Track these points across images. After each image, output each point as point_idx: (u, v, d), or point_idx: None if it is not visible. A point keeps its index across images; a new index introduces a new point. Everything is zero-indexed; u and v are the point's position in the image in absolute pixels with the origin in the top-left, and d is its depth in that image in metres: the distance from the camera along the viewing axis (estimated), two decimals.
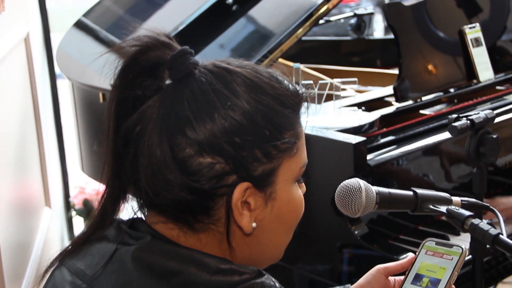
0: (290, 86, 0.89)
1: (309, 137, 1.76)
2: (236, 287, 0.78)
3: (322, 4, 2.07)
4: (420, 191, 1.08)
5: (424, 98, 2.10)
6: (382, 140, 1.84)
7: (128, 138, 0.85)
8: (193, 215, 0.84)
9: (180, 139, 0.82)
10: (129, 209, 0.91)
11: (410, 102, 2.06)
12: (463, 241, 1.70)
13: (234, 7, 2.43)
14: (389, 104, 2.12)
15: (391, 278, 1.12)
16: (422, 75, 2.12)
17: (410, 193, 1.08)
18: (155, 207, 0.87)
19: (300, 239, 1.85)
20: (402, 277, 1.07)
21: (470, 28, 2.20)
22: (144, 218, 0.90)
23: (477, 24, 2.23)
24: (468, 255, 1.70)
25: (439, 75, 2.16)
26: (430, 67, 2.14)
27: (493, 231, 0.98)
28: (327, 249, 1.79)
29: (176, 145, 0.82)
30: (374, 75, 2.68)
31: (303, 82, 1.85)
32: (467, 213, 1.03)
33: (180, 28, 2.42)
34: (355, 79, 2.07)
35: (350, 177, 1.65)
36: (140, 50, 0.84)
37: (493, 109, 1.54)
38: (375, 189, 1.05)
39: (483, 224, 1.01)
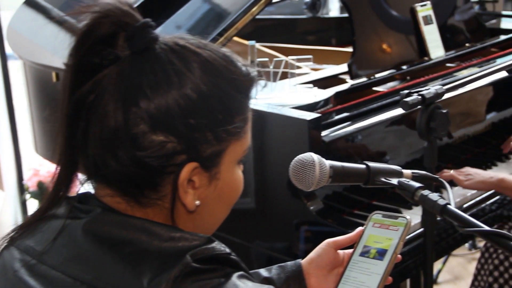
0: (244, 68, 0.90)
1: (264, 115, 1.78)
2: (188, 252, 0.79)
3: None
4: (372, 164, 1.10)
5: (377, 75, 2.13)
6: (337, 117, 1.86)
7: (81, 106, 0.84)
8: (140, 190, 0.85)
9: (135, 113, 0.82)
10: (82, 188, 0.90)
11: (364, 79, 2.09)
12: (415, 214, 1.74)
13: None
14: (343, 81, 2.15)
15: (340, 251, 1.15)
16: (376, 53, 2.15)
17: (363, 166, 1.10)
18: (103, 179, 0.87)
19: (258, 217, 1.87)
20: (351, 250, 1.10)
21: (421, 6, 2.24)
22: (92, 193, 0.90)
23: (428, 2, 2.27)
24: (419, 228, 1.76)
25: (392, 52, 2.19)
26: (383, 44, 2.17)
27: (441, 202, 1.01)
28: (284, 226, 1.81)
29: (130, 118, 0.82)
30: (330, 53, 2.70)
31: (259, 59, 1.86)
32: (417, 184, 1.06)
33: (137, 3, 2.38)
34: (310, 56, 2.08)
35: None
36: (100, 16, 0.83)
37: (444, 85, 1.57)
38: (328, 163, 1.07)
39: (432, 195, 1.04)
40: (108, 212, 0.86)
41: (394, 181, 1.09)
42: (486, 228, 0.95)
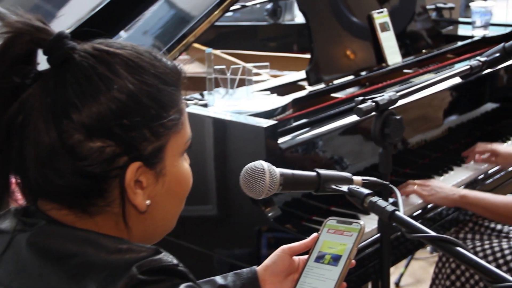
0: (169, 63, 0.90)
1: (222, 122, 1.78)
2: (134, 264, 0.79)
3: None
4: (322, 171, 1.11)
5: (336, 82, 2.15)
6: (295, 124, 1.87)
7: (11, 129, 0.83)
8: (88, 199, 0.85)
9: (68, 125, 0.81)
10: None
11: (322, 85, 2.11)
12: (373, 219, 1.76)
13: None
14: (302, 88, 2.16)
15: (296, 258, 1.16)
16: (334, 59, 2.17)
17: (313, 173, 1.11)
18: (47, 196, 0.86)
19: (219, 224, 1.87)
20: (306, 256, 1.11)
21: (378, 13, 2.26)
22: (37, 206, 0.89)
23: (385, 9, 2.30)
24: (378, 233, 1.77)
25: (350, 59, 2.22)
26: (341, 51, 2.19)
27: (389, 208, 1.02)
28: (245, 233, 1.81)
29: (64, 131, 0.81)
30: (291, 60, 2.72)
31: (216, 67, 1.86)
32: (366, 191, 1.07)
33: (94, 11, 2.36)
34: (267, 63, 2.09)
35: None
36: (12, 36, 0.82)
37: (398, 91, 1.59)
38: (278, 170, 1.08)
39: (381, 201, 1.05)
40: (53, 224, 0.85)
41: (345, 188, 1.10)
42: (432, 233, 0.96)
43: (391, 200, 1.68)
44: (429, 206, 1.95)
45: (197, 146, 1.83)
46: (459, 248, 0.93)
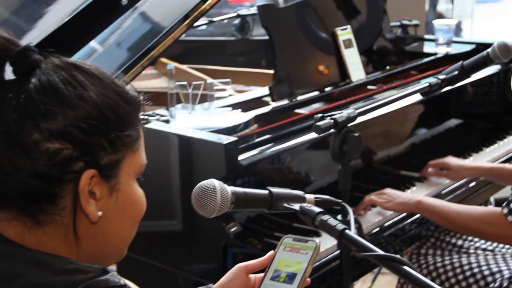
0: (130, 90, 0.94)
1: (183, 138, 1.78)
2: (80, 285, 0.79)
3: (198, 5, 2.07)
4: (275, 190, 1.11)
5: (300, 98, 2.16)
6: (257, 140, 1.87)
7: None
8: (38, 205, 0.85)
9: (28, 124, 0.84)
10: None
11: (286, 101, 2.12)
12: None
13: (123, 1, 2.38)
14: (266, 104, 2.17)
15: (252, 276, 1.16)
16: (297, 75, 2.18)
17: (266, 192, 1.11)
18: (1, 201, 0.86)
19: (183, 240, 1.86)
20: (262, 274, 1.11)
21: (342, 30, 2.28)
22: None
23: (349, 26, 2.32)
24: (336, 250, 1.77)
25: (313, 75, 2.23)
26: (304, 67, 2.21)
27: (340, 227, 1.03)
28: (208, 249, 1.80)
29: (23, 130, 0.83)
30: (259, 75, 2.72)
31: (178, 83, 1.86)
32: (317, 209, 1.08)
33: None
34: (229, 79, 2.10)
35: (223, 178, 1.69)
36: None
37: (360, 108, 1.61)
38: (230, 189, 1.08)
39: (332, 220, 1.05)
40: (1, 243, 0.84)
41: (296, 206, 1.10)
42: (380, 252, 0.97)
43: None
44: (389, 222, 1.96)
45: (161, 161, 1.83)
46: (405, 267, 0.94)
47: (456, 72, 1.87)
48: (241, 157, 1.72)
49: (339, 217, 1.48)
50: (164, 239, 1.89)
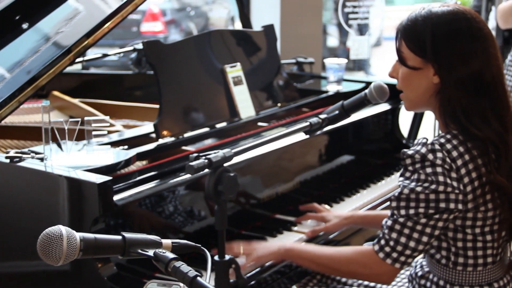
0: None
1: (55, 178, 1.70)
2: None
3: (82, 40, 2.02)
4: (128, 235, 1.08)
5: (188, 134, 2.14)
6: (138, 178, 1.83)
7: None
8: None
9: None
10: None
11: (172, 138, 2.09)
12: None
13: (24, 25, 2.30)
14: (154, 140, 2.13)
15: None
16: (184, 112, 2.16)
17: (119, 237, 1.07)
18: None
19: (65, 281, 1.76)
20: None
21: (231, 67, 2.29)
22: None
23: (238, 63, 2.33)
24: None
25: (201, 112, 2.22)
26: (192, 104, 2.19)
27: (191, 274, 1.01)
28: None
29: None
30: (154, 110, 2.68)
31: (53, 120, 1.79)
32: (171, 255, 1.05)
33: None
34: (107, 117, 2.05)
35: (97, 219, 1.63)
36: None
37: (239, 147, 1.60)
38: (79, 235, 1.03)
39: (185, 266, 1.03)
40: None
41: (151, 252, 1.07)
42: None
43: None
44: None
45: (34, 201, 1.75)
46: None
47: (337, 112, 1.91)
48: (116, 197, 1.67)
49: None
50: (46, 279, 1.79)
